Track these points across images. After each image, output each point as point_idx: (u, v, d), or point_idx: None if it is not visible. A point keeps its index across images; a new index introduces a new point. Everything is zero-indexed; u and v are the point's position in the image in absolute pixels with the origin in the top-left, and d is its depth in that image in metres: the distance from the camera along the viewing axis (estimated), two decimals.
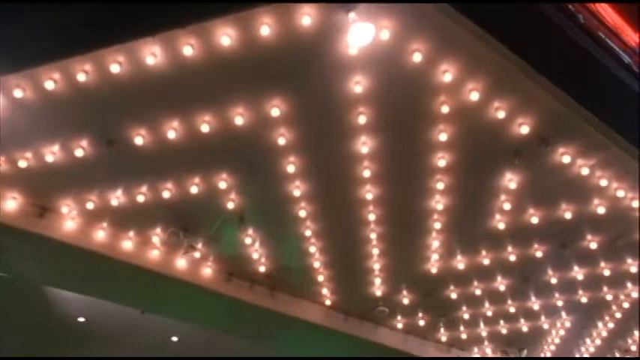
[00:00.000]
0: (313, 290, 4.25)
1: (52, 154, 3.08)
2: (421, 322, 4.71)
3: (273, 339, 4.74)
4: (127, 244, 3.73)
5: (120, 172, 3.25)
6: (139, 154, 3.08)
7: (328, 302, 4.37)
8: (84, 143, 3.04)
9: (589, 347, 5.40)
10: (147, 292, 4.04)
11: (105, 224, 3.63)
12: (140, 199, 3.37)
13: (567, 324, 4.89)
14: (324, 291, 4.22)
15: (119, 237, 3.70)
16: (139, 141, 2.96)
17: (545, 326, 4.91)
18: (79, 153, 3.04)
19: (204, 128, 2.87)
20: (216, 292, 4.00)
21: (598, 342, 5.25)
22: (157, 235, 3.73)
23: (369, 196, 3.30)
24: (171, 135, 2.91)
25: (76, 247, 3.56)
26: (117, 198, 3.40)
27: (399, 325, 4.74)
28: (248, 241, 3.68)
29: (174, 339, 8.58)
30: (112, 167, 3.20)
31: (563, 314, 4.80)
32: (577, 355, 5.63)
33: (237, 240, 3.71)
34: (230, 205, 3.37)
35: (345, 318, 4.57)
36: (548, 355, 5.46)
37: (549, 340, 5.25)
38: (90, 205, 3.43)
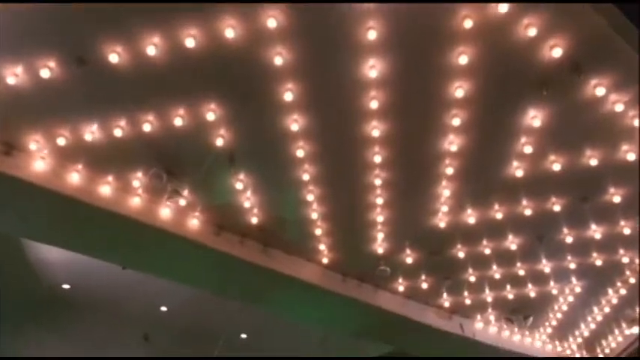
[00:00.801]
0: (309, 247, 3.92)
1: (14, 75, 2.69)
2: (424, 285, 4.40)
3: (265, 300, 4.41)
4: (105, 189, 3.36)
5: (94, 99, 2.86)
6: (114, 77, 2.69)
7: (325, 260, 4.04)
8: (51, 63, 2.65)
9: (596, 316, 5.14)
10: (127, 244, 3.68)
11: (80, 166, 3.25)
12: (118, 133, 2.99)
13: (577, 289, 4.61)
14: (322, 247, 3.89)
15: (96, 181, 3.33)
16: (113, 59, 2.57)
17: (554, 292, 4.62)
18: (45, 74, 2.65)
19: (190, 43, 2.48)
20: (204, 245, 3.65)
21: (607, 310, 4.99)
22: (137, 180, 3.36)
23: (376, 133, 2.93)
24: (150, 51, 2.52)
25: (47, 190, 3.18)
26: (91, 133, 3.02)
27: (400, 288, 4.44)
28: (239, 186, 3.33)
29: (164, 309, 8.30)
30: (85, 93, 2.81)
31: (574, 279, 4.51)
32: (582, 325, 5.39)
33: (227, 186, 3.36)
34: (219, 142, 3.00)
35: (343, 279, 4.26)
36: (554, 323, 5.21)
37: (556, 307, 4.98)
38: (61, 141, 3.05)
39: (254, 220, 3.61)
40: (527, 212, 3.56)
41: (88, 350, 8.96)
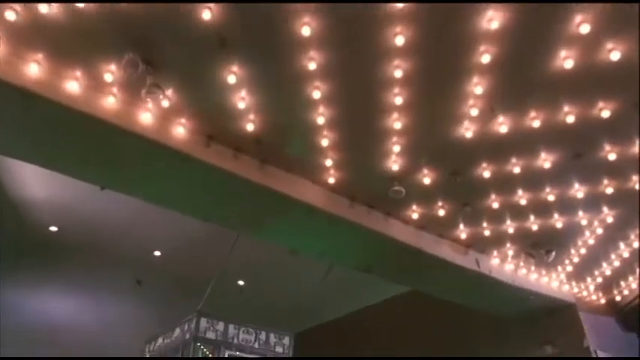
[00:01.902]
0: (314, 163, 3.42)
1: None
2: (440, 213, 3.94)
3: (263, 228, 3.95)
4: (73, 85, 2.81)
5: None
6: None
7: (332, 180, 3.55)
8: None
9: (622, 252, 4.74)
10: (101, 154, 3.15)
11: (40, 55, 2.69)
12: (81, 4, 2.42)
13: (609, 219, 4.16)
14: (328, 163, 3.38)
15: (61, 74, 2.78)
16: None
17: (583, 222, 4.18)
18: None
19: None
20: (192, 157, 3.14)
21: (635, 245, 4.57)
22: (110, 73, 2.81)
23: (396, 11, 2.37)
24: None
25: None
26: (48, 5, 2.45)
27: (414, 216, 3.98)
28: (232, 80, 2.78)
29: (157, 253, 7.96)
30: None
31: (605, 209, 4.06)
32: (604, 264, 5.00)
33: (217, 81, 2.81)
34: (206, 16, 2.43)
35: (351, 204, 3.79)
36: (576, 260, 4.81)
37: (580, 242, 4.56)
38: (11, 16, 2.47)
39: (249, 127, 3.09)
40: (570, 119, 3.03)
41: (80, 295, 8.68)
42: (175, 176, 3.34)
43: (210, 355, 4.48)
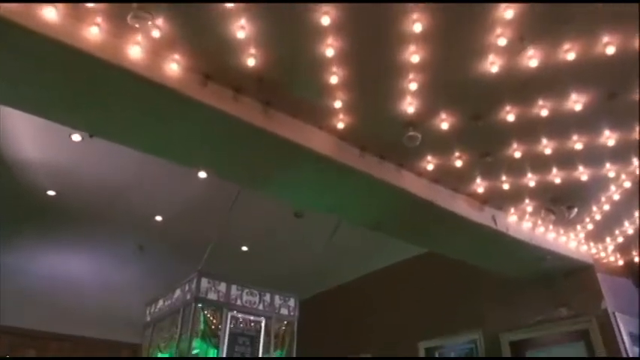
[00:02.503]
0: (321, 105, 3.11)
1: None
2: (457, 164, 3.66)
3: (266, 181, 3.68)
4: (50, 12, 2.50)
5: None
6: None
7: (341, 126, 3.25)
8: None
9: None
10: (85, 94, 2.85)
11: None
12: None
13: (638, 171, 3.87)
14: (337, 104, 3.07)
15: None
16: None
17: (611, 174, 3.89)
18: None
19: None
20: (188, 98, 2.84)
21: None
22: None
23: None
24: None
25: None
26: None
27: (429, 167, 3.70)
28: (229, 4, 2.45)
29: (159, 218, 7.78)
30: None
31: (635, 160, 3.76)
32: (625, 222, 4.74)
33: (213, 5, 2.49)
34: None
35: (361, 153, 3.50)
36: (597, 217, 4.55)
37: (605, 197, 4.28)
38: None
39: (250, 63, 2.77)
40: (609, 51, 2.69)
41: (82, 261, 8.55)
42: (170, 120, 3.04)
43: (212, 318, 4.30)
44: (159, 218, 7.46)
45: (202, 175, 6.36)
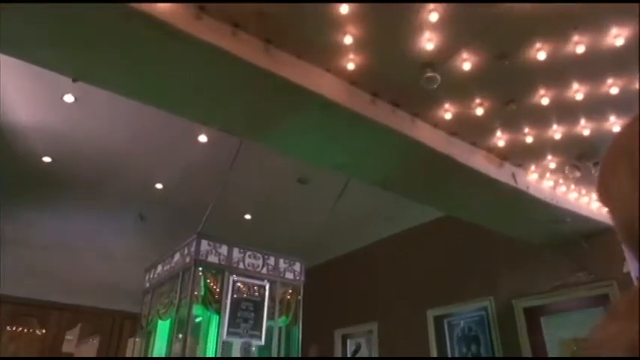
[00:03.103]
0: (330, 41, 2.78)
1: None
2: (478, 112, 3.34)
3: (270, 131, 3.37)
4: None
5: None
6: None
7: (351, 67, 2.92)
8: None
9: None
10: (68, 29, 2.53)
11: None
12: None
13: None
14: (347, 40, 2.74)
15: None
16: None
17: None
18: None
19: None
20: (180, 31, 2.51)
21: None
22: None
23: None
24: None
25: None
26: None
27: (447, 116, 3.38)
28: None
29: (159, 186, 7.54)
30: None
31: None
32: None
33: None
34: None
35: (373, 100, 3.18)
36: None
37: None
38: None
39: None
40: None
41: (82, 230, 8.37)
42: (160, 58, 2.72)
43: (213, 283, 4.06)
44: (159, 186, 7.22)
45: (202, 139, 6.08)
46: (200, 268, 4.20)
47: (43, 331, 7.27)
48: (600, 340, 0.63)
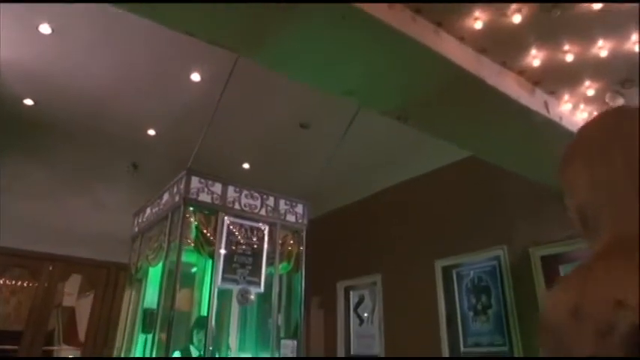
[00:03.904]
0: None
1: None
2: (515, 19, 2.81)
3: (269, 43, 2.84)
4: None
5: None
6: None
7: None
8: None
9: None
10: None
11: None
12: None
13: None
14: None
15: None
16: None
17: None
18: None
19: None
20: None
21: None
22: None
23: None
24: None
25: None
26: None
27: (477, 25, 2.86)
28: None
29: (151, 132, 7.09)
30: None
31: None
32: None
33: None
34: None
35: (390, 6, 2.66)
36: None
37: None
38: None
39: None
40: None
41: (72, 179, 7.95)
42: None
43: (205, 224, 3.64)
44: (152, 132, 6.75)
45: (195, 78, 5.59)
46: (191, 208, 3.78)
47: (36, 284, 7.00)
48: (547, 307, 0.75)
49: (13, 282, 8.12)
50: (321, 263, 6.59)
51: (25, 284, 7.72)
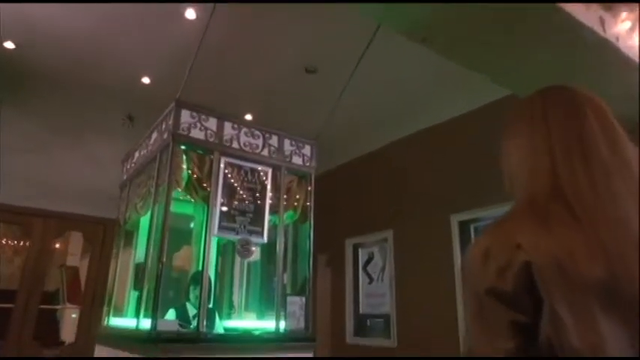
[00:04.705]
0: None
1: None
2: None
3: None
4: None
5: None
6: None
7: None
8: None
9: None
10: None
11: None
12: None
13: None
14: None
15: None
16: None
17: None
18: None
19: None
20: None
21: None
22: None
23: None
24: None
25: None
26: None
27: None
28: None
29: (146, 81, 6.57)
30: None
31: None
32: None
33: None
34: None
35: None
36: None
37: None
38: None
39: None
40: None
41: (63, 132, 7.47)
42: None
43: (199, 165, 3.16)
44: (146, 80, 6.22)
45: (191, 15, 5.02)
46: (183, 147, 3.29)
47: (27, 243, 6.66)
48: (469, 250, 0.88)
49: (15, 242, 7.88)
50: (328, 220, 6.18)
51: (27, 244, 7.45)
